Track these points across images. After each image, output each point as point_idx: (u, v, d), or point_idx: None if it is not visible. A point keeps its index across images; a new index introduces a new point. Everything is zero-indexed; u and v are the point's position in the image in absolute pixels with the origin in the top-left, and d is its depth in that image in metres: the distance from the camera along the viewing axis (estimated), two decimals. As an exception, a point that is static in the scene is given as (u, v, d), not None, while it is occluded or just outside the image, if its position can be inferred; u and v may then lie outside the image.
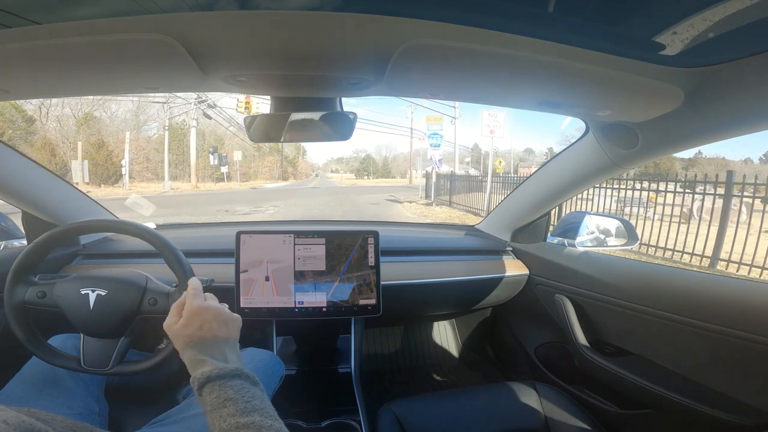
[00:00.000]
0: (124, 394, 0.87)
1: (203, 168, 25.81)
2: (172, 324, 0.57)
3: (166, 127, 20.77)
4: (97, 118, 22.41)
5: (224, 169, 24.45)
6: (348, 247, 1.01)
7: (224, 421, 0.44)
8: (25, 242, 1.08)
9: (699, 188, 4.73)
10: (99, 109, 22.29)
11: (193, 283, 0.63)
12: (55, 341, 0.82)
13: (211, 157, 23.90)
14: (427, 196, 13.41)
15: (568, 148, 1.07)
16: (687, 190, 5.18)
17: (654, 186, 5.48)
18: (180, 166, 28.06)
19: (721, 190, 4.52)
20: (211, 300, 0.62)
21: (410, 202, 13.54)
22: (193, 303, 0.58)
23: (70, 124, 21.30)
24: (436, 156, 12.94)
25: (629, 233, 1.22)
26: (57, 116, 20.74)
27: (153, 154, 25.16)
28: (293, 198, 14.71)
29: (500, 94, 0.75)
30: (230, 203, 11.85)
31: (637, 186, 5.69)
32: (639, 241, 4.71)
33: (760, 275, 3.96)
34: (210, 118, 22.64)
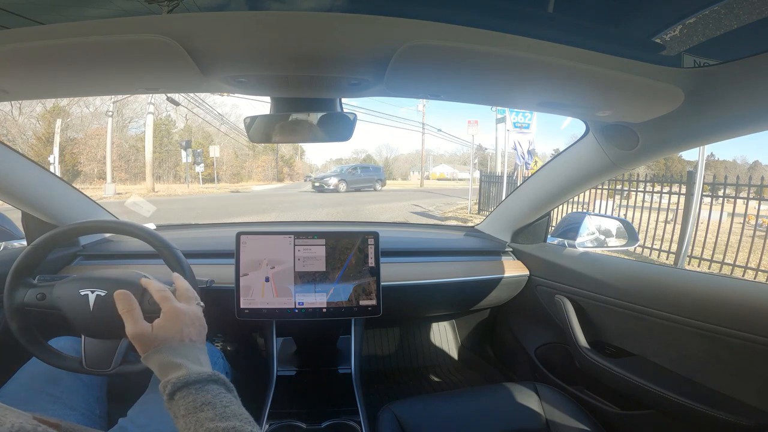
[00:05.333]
0: (126, 395, 0.87)
1: (186, 168, 22.27)
2: (143, 328, 0.53)
3: (109, 113, 17.12)
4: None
5: (199, 169, 19.89)
6: (348, 248, 1.01)
7: (202, 425, 0.42)
8: (24, 243, 1.08)
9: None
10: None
11: (159, 285, 0.61)
12: (56, 343, 0.82)
13: (184, 153, 19.30)
14: (483, 209, 9.08)
15: (568, 148, 1.07)
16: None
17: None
18: (163, 165, 26.38)
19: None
20: (186, 302, 0.60)
21: (465, 222, 8.12)
22: (174, 305, 0.57)
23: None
24: (523, 144, 8.06)
25: (629, 234, 1.22)
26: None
27: (124, 152, 23.26)
28: (273, 211, 9.61)
29: (500, 94, 0.75)
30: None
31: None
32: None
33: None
34: (177, 104, 19.12)
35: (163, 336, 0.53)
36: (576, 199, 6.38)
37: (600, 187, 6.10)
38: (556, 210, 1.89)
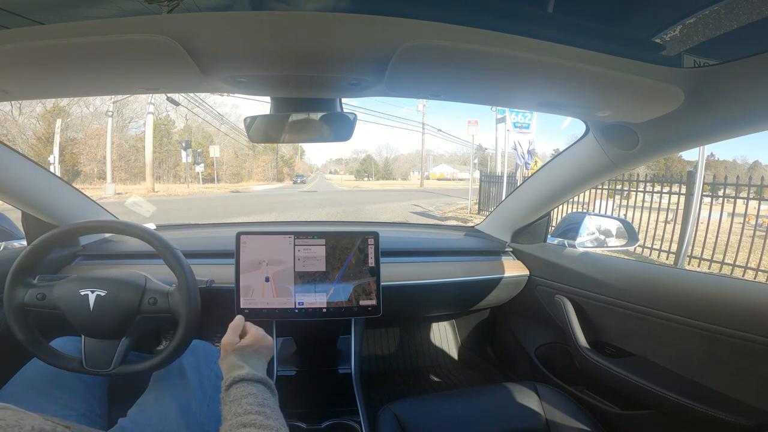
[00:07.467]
0: (126, 394, 0.87)
1: (186, 168, 22.64)
2: (233, 342, 0.68)
3: (109, 113, 17.19)
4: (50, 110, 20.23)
5: (199, 169, 20.37)
6: (348, 248, 1.01)
7: (240, 407, 0.53)
8: (24, 243, 1.08)
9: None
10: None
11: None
12: (57, 343, 0.82)
13: (184, 153, 19.60)
14: (483, 209, 9.21)
15: (568, 148, 1.07)
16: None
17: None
18: (163, 165, 26.79)
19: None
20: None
21: (465, 222, 8.25)
22: (260, 331, 0.72)
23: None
24: (523, 144, 8.03)
25: (629, 234, 1.22)
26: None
27: (124, 152, 23.72)
28: (273, 211, 9.36)
29: (500, 94, 0.75)
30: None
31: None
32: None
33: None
34: (177, 104, 19.38)
35: (241, 346, 0.67)
36: (576, 199, 6.38)
37: (600, 187, 6.09)
38: (556, 210, 1.89)
